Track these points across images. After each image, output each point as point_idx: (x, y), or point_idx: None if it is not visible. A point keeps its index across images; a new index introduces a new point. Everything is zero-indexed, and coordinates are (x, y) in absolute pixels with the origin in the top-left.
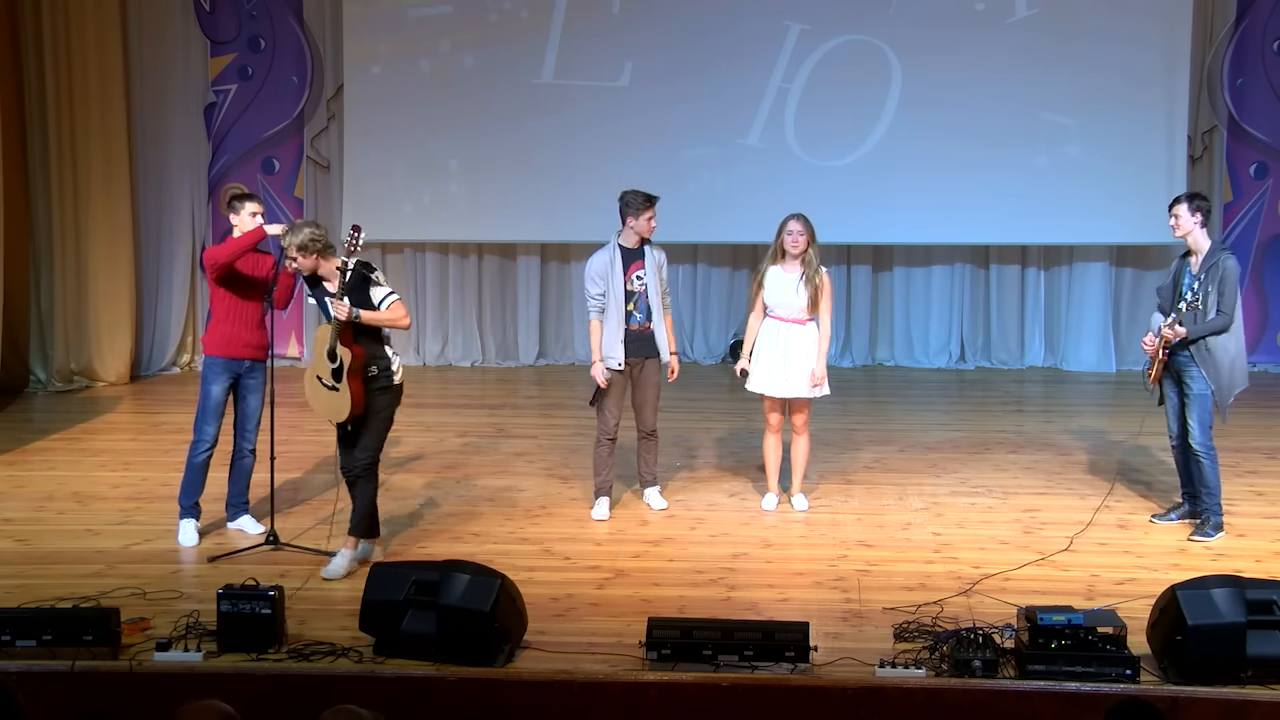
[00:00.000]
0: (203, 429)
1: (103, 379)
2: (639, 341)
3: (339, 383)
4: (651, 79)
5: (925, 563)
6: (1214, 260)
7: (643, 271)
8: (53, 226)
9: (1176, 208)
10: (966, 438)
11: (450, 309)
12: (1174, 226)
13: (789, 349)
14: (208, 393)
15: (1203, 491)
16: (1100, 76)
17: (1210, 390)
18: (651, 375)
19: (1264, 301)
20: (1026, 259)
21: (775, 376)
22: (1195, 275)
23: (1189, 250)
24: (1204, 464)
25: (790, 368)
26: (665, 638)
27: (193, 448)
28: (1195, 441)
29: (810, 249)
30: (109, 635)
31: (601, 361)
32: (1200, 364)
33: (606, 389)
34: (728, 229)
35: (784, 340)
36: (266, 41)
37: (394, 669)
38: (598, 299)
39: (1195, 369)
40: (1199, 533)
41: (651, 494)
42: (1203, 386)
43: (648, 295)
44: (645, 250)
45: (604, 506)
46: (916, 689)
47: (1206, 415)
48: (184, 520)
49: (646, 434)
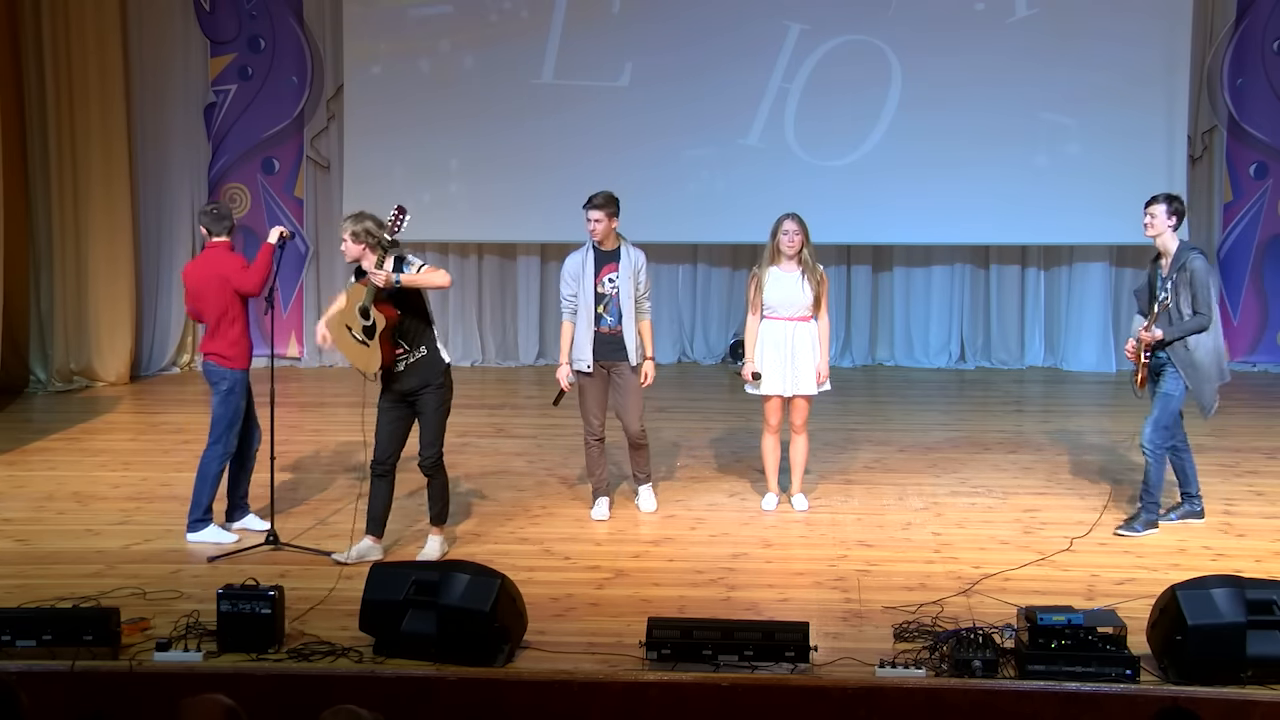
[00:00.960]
0: (230, 440)
1: (103, 379)
2: (608, 345)
3: (370, 339)
4: (651, 79)
5: (925, 563)
6: (1182, 261)
7: (615, 274)
8: (53, 227)
9: (1153, 207)
10: (966, 438)
11: (450, 309)
12: (1148, 225)
13: (796, 347)
14: (239, 406)
15: (1143, 489)
16: (1100, 76)
17: (1179, 391)
18: (628, 380)
19: (1264, 301)
20: (1026, 259)
21: (785, 376)
22: (1165, 277)
23: (1160, 253)
24: (1149, 463)
25: (798, 366)
26: (665, 638)
27: (219, 458)
28: (1144, 438)
29: (805, 248)
30: (109, 635)
31: (570, 364)
32: (1177, 364)
33: (569, 392)
34: (728, 229)
35: (791, 339)
36: (266, 41)
37: (394, 669)
38: (569, 300)
39: (1171, 369)
40: (1126, 527)
41: (644, 494)
42: (1172, 387)
43: (619, 298)
44: (621, 252)
45: (603, 506)
46: (916, 689)
47: (1165, 415)
48: (210, 525)
49: (632, 441)
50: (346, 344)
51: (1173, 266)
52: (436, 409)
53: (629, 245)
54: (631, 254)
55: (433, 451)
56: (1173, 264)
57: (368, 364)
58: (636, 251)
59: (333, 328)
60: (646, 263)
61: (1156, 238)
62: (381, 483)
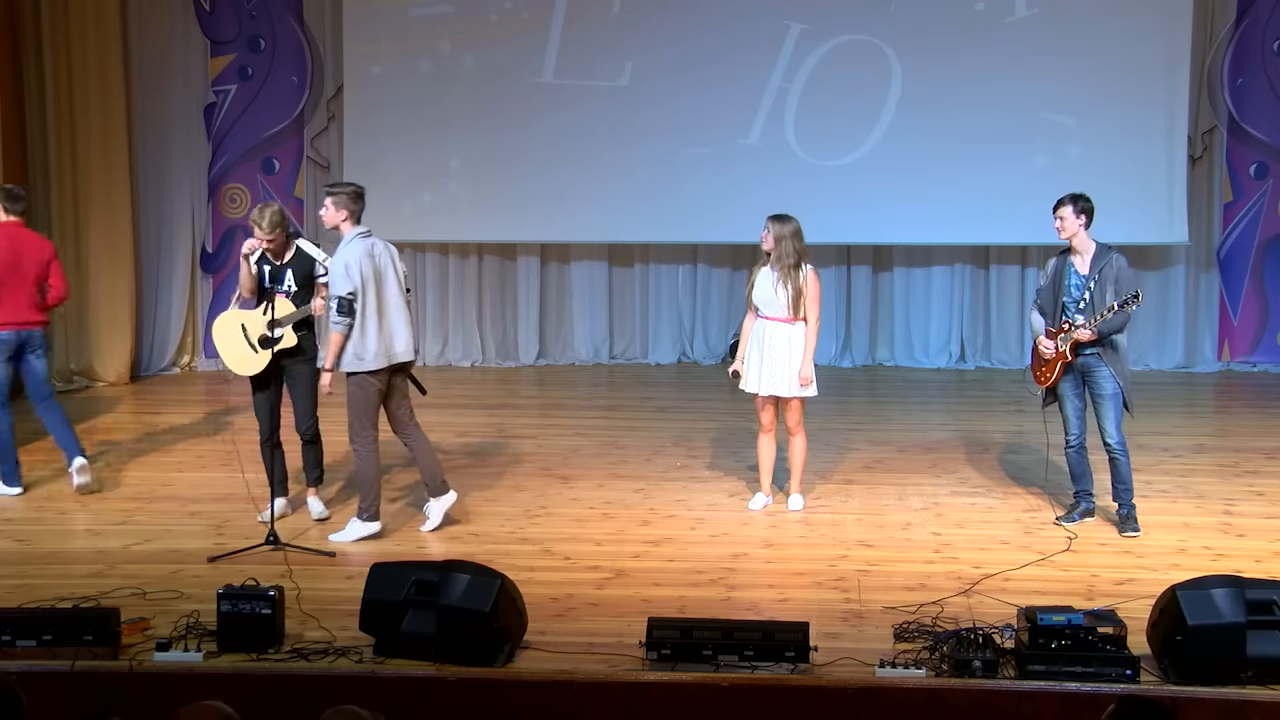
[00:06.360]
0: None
1: (103, 379)
2: None
3: (265, 350)
4: (652, 79)
5: (925, 563)
6: (1106, 260)
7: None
8: (53, 227)
9: (1062, 209)
10: (966, 438)
11: (450, 309)
12: (1059, 229)
13: (768, 347)
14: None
15: (1120, 489)
16: (1100, 76)
17: (1116, 388)
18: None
19: (1264, 301)
20: (1026, 259)
21: (760, 375)
22: (1087, 275)
23: (1068, 249)
24: (1120, 461)
25: (769, 366)
26: (665, 638)
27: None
28: (1112, 441)
29: (781, 247)
30: (109, 635)
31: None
32: (1108, 363)
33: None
34: (728, 229)
35: (764, 338)
36: (266, 41)
37: (394, 669)
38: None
39: (1105, 368)
40: (1128, 529)
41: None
42: (1114, 387)
43: None
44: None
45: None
46: (916, 689)
47: (1120, 414)
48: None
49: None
50: (233, 342)
51: (1094, 265)
52: (311, 380)
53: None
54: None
55: (311, 421)
56: (1094, 263)
57: (243, 369)
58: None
59: (226, 327)
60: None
61: (1071, 238)
62: (278, 451)
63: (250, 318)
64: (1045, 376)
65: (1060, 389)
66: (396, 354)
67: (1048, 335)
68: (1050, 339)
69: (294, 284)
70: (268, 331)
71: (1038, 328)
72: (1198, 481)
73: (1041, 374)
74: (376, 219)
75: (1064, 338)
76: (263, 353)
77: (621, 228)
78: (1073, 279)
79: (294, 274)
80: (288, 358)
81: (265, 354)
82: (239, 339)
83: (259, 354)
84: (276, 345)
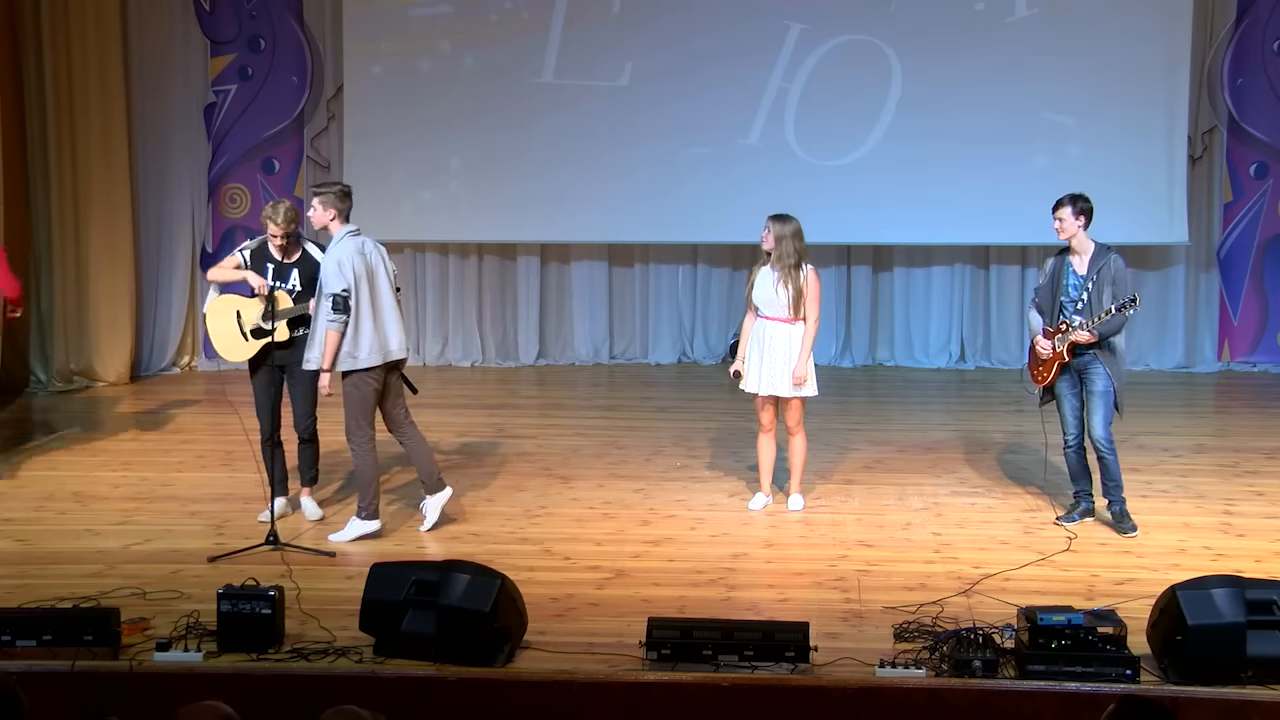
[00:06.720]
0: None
1: (103, 379)
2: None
3: (256, 340)
4: (652, 78)
5: (925, 563)
6: (1104, 261)
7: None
8: (53, 227)
9: (1060, 210)
10: (966, 438)
11: (450, 309)
12: (1058, 229)
13: (767, 347)
14: None
15: (1111, 486)
16: (1100, 76)
17: (1110, 386)
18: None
19: (1264, 301)
20: (1026, 259)
21: (759, 375)
22: (1085, 276)
23: (1066, 249)
24: (1108, 459)
25: (769, 365)
26: (665, 638)
27: None
28: (1099, 438)
29: (782, 246)
30: (109, 635)
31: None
32: (1104, 362)
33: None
34: (727, 229)
35: (765, 338)
36: (266, 41)
37: (394, 669)
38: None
39: (1099, 366)
40: (1125, 528)
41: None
42: (1106, 384)
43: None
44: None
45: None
46: (916, 689)
47: (1110, 412)
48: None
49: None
50: (226, 329)
51: (1092, 266)
52: (311, 380)
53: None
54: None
55: (310, 421)
56: (1092, 263)
57: (229, 354)
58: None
59: (220, 312)
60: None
61: (1071, 239)
62: (279, 450)
63: (247, 305)
64: (1042, 376)
65: (1058, 389)
66: (391, 351)
67: (1045, 335)
68: (1048, 338)
69: (298, 284)
70: (263, 323)
71: (1035, 327)
72: (1198, 481)
73: (1039, 373)
74: (377, 218)
75: (1061, 338)
76: (253, 342)
77: (621, 228)
78: (1071, 279)
79: (299, 274)
80: (288, 356)
81: (255, 344)
82: (232, 324)
83: (249, 343)
84: (268, 337)
